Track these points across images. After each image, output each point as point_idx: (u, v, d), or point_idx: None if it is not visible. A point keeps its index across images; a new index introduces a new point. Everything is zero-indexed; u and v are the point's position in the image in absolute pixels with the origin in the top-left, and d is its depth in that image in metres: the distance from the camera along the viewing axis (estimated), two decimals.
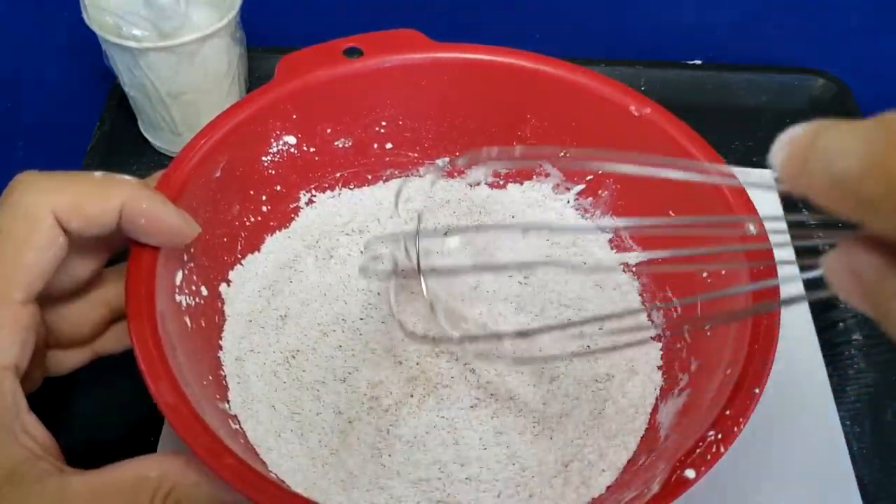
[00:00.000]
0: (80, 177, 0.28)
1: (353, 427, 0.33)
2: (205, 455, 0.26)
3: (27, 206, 0.26)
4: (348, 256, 0.39)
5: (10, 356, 0.26)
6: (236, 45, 0.44)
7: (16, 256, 0.26)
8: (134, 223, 0.27)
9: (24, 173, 0.27)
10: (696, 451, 0.26)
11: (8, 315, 0.26)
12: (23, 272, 0.26)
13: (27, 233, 0.26)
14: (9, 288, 0.26)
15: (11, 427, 0.25)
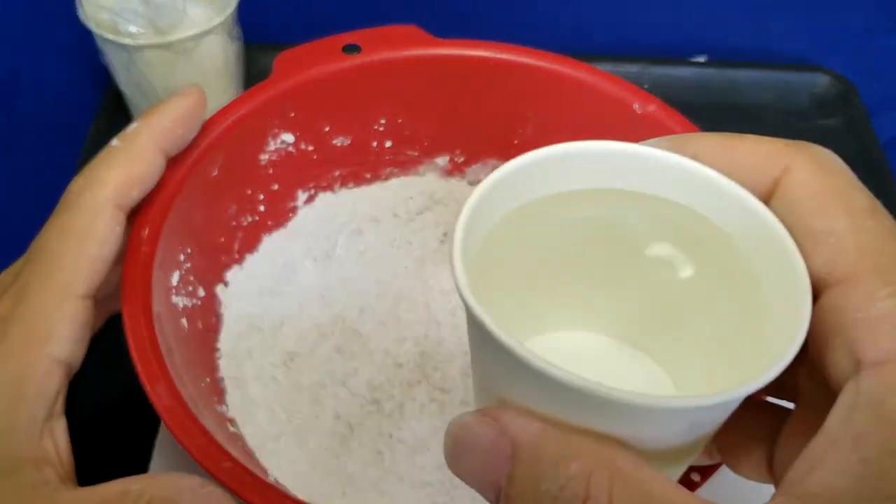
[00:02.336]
0: (112, 153, 0.29)
1: (353, 430, 0.33)
2: (202, 458, 0.25)
3: (85, 203, 0.27)
4: (347, 257, 0.39)
5: (66, 352, 0.26)
6: (233, 41, 0.43)
7: (79, 250, 0.26)
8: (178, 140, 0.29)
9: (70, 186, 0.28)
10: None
11: (70, 309, 0.26)
12: (85, 265, 0.26)
13: (88, 227, 0.27)
14: (73, 281, 0.26)
15: (40, 425, 0.25)
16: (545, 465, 0.15)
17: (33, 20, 0.53)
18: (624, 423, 0.16)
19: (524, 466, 0.16)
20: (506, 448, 0.16)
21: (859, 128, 0.50)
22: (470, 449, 0.16)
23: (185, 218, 0.33)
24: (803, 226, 0.18)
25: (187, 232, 0.33)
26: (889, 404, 0.15)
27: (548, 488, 0.15)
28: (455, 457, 0.17)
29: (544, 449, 0.16)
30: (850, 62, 0.52)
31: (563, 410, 0.16)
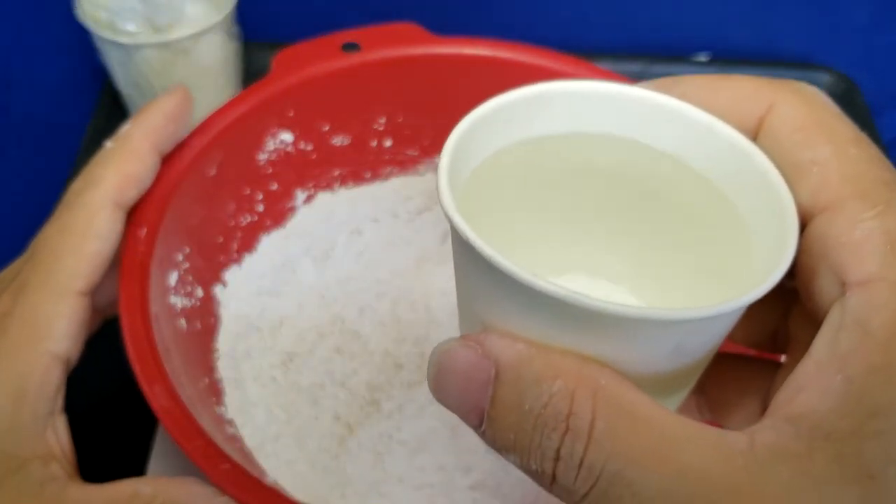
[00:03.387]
0: (108, 154, 0.29)
1: (353, 431, 0.33)
2: (200, 460, 0.25)
3: (84, 202, 0.28)
4: (346, 257, 0.38)
5: (65, 348, 0.26)
6: (232, 40, 0.43)
7: (79, 247, 0.27)
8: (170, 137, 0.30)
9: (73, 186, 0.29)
10: None
11: (69, 306, 0.26)
12: (85, 262, 0.27)
13: (87, 225, 0.27)
14: (73, 278, 0.26)
15: (43, 422, 0.25)
16: (528, 385, 0.15)
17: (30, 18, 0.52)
18: (608, 342, 0.16)
19: (507, 387, 0.16)
20: (488, 370, 0.16)
21: (862, 127, 0.50)
22: (453, 373, 0.16)
23: (183, 218, 0.33)
24: (788, 159, 0.18)
25: (185, 232, 0.33)
26: (874, 322, 0.15)
27: (531, 407, 0.15)
28: (438, 383, 0.17)
29: (527, 369, 0.15)
30: (853, 61, 0.52)
31: (546, 331, 0.16)
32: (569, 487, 0.15)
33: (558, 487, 0.16)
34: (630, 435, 0.15)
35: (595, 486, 0.15)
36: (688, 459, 0.14)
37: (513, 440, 0.16)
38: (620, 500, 0.15)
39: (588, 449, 0.15)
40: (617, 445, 0.15)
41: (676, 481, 0.14)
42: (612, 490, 0.15)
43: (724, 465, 0.14)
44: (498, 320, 0.17)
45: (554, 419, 0.15)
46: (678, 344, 0.17)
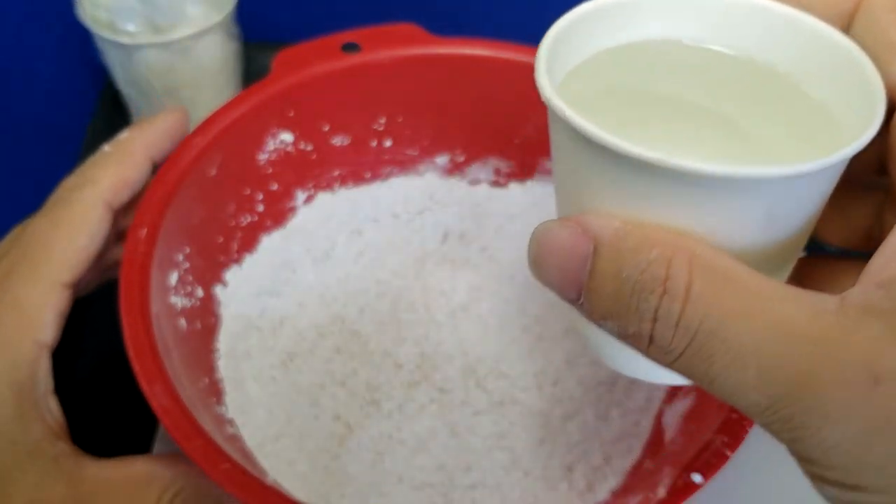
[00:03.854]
0: (105, 157, 0.31)
1: (353, 431, 0.33)
2: (200, 459, 0.25)
3: (78, 198, 0.29)
4: (347, 257, 0.38)
5: (50, 337, 0.28)
6: (232, 40, 0.43)
7: (69, 242, 0.28)
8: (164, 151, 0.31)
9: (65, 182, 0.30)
10: (702, 456, 0.26)
11: (56, 298, 0.28)
12: (74, 257, 0.28)
13: (81, 220, 0.28)
14: (61, 271, 0.28)
15: (39, 405, 0.27)
16: (626, 256, 0.16)
17: (31, 19, 0.52)
18: (701, 213, 0.16)
19: (605, 260, 0.16)
20: (587, 245, 0.17)
21: None
22: (552, 252, 0.17)
23: (184, 218, 0.33)
24: (882, 40, 0.18)
25: (185, 232, 0.33)
26: None
27: (628, 275, 0.16)
28: (538, 261, 0.18)
29: (625, 242, 0.16)
30: None
31: (640, 208, 0.17)
32: (665, 347, 0.16)
33: (655, 348, 0.16)
34: (725, 295, 0.15)
35: (690, 344, 0.15)
36: (779, 315, 0.15)
37: (611, 308, 0.17)
38: (713, 357, 0.15)
39: (685, 309, 0.15)
40: (712, 304, 0.15)
41: (768, 335, 0.15)
42: (706, 347, 0.15)
43: (814, 319, 0.15)
44: (594, 200, 0.18)
45: (651, 283, 0.16)
46: (769, 210, 0.17)
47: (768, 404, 0.15)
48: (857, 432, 0.14)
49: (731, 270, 0.16)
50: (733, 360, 0.15)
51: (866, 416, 0.14)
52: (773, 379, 0.15)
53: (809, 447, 0.15)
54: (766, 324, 0.15)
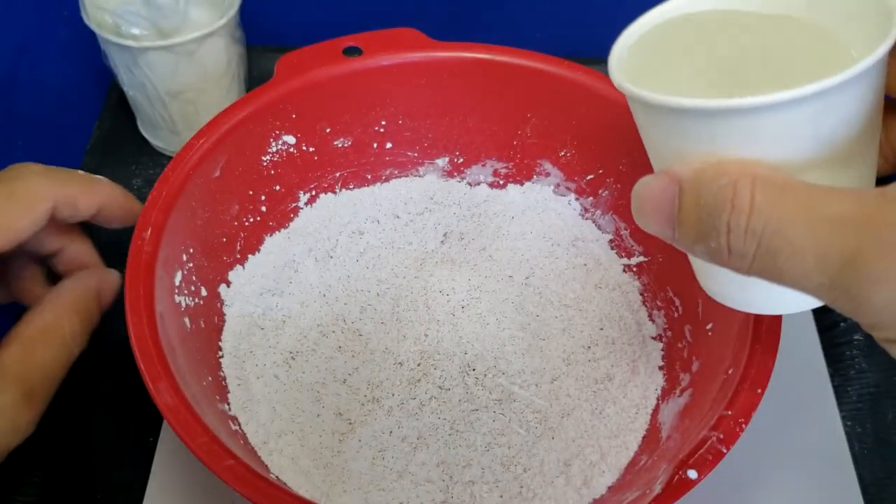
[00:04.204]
0: (73, 174, 0.33)
1: (354, 428, 0.33)
2: (204, 456, 0.26)
3: (31, 189, 0.30)
4: (348, 257, 0.39)
5: None
6: (235, 44, 0.43)
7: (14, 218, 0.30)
8: (110, 215, 0.33)
9: (27, 165, 0.31)
10: (698, 452, 0.26)
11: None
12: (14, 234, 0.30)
13: (28, 208, 0.30)
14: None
15: None
16: (703, 185, 0.20)
17: (37, 22, 0.53)
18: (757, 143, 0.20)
19: (688, 195, 0.20)
20: (674, 187, 0.21)
21: None
22: (647, 199, 0.21)
23: (188, 218, 0.33)
24: None
25: (190, 232, 0.33)
26: None
27: (706, 201, 0.20)
28: (639, 210, 0.22)
29: (701, 175, 0.20)
30: None
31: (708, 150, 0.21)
32: (740, 252, 0.19)
33: (734, 258, 0.19)
34: (782, 202, 0.19)
35: (759, 247, 0.19)
36: (828, 210, 0.18)
37: (696, 232, 0.20)
38: (779, 253, 0.18)
39: (750, 218, 0.19)
40: (772, 211, 0.18)
41: (820, 227, 0.18)
42: (772, 246, 0.18)
43: (859, 206, 0.18)
44: (674, 153, 0.22)
45: (723, 203, 0.19)
46: (816, 128, 0.20)
47: (830, 283, 0.18)
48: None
49: (787, 183, 0.19)
50: (794, 253, 0.18)
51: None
52: (830, 261, 0.18)
53: (869, 313, 0.18)
54: (817, 218, 0.18)
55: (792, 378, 0.37)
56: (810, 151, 0.20)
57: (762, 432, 0.34)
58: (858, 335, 0.40)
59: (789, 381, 0.36)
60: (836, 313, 0.40)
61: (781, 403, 0.36)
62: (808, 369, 0.38)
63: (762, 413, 0.27)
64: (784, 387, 0.35)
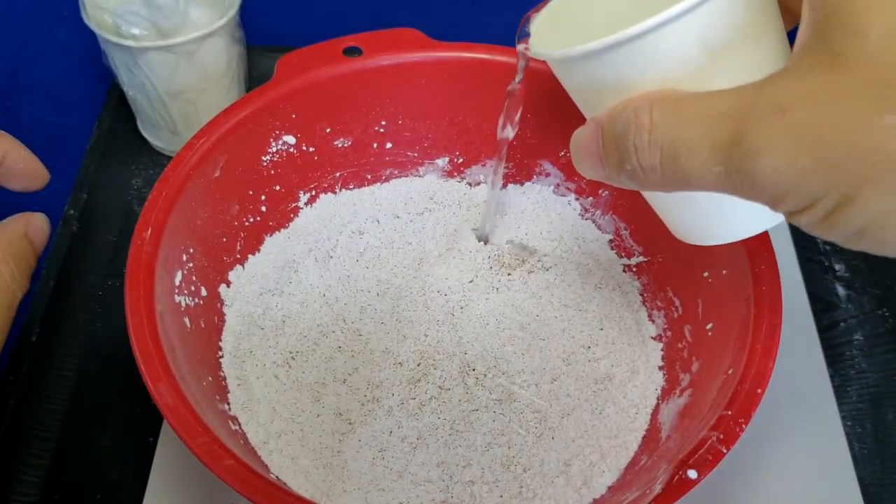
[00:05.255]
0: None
1: (354, 428, 0.33)
2: (204, 456, 0.25)
3: None
4: (348, 257, 0.39)
5: None
6: (235, 44, 0.43)
7: None
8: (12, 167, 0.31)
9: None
10: (698, 452, 0.26)
11: None
12: None
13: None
14: None
15: None
16: (615, 120, 0.22)
17: (37, 22, 0.53)
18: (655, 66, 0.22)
19: (606, 131, 0.22)
20: (598, 129, 0.23)
21: None
22: (580, 145, 0.24)
23: (188, 218, 0.33)
24: None
25: (190, 232, 0.33)
26: None
27: (617, 131, 0.22)
28: (575, 157, 0.24)
29: (614, 112, 0.22)
30: None
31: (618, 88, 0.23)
32: (650, 166, 0.21)
33: (646, 172, 0.21)
34: (677, 111, 0.20)
35: (662, 155, 0.20)
36: (715, 105, 0.20)
37: (616, 161, 0.22)
38: (679, 155, 0.20)
39: (651, 133, 0.21)
40: (668, 121, 0.20)
41: (708, 120, 0.19)
42: (672, 151, 0.20)
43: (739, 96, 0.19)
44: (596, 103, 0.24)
45: (628, 127, 0.21)
46: (703, 37, 0.22)
47: (726, 170, 0.19)
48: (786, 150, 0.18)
49: (681, 97, 0.21)
50: (690, 151, 0.20)
51: (785, 144, 0.18)
52: (719, 148, 0.19)
53: (763, 187, 0.19)
54: (705, 116, 0.20)
55: (792, 378, 0.37)
56: (709, 61, 0.22)
57: (762, 432, 0.34)
58: (858, 335, 0.40)
59: (789, 381, 0.36)
60: (836, 313, 0.40)
61: (781, 403, 0.36)
62: (808, 369, 0.38)
63: (762, 413, 0.27)
64: (784, 387, 0.36)
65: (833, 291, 0.41)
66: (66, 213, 0.43)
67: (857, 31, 0.18)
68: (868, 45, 0.18)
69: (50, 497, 0.34)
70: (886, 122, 0.17)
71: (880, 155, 0.17)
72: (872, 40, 0.18)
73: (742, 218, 0.26)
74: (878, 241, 0.18)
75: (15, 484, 0.34)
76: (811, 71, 0.19)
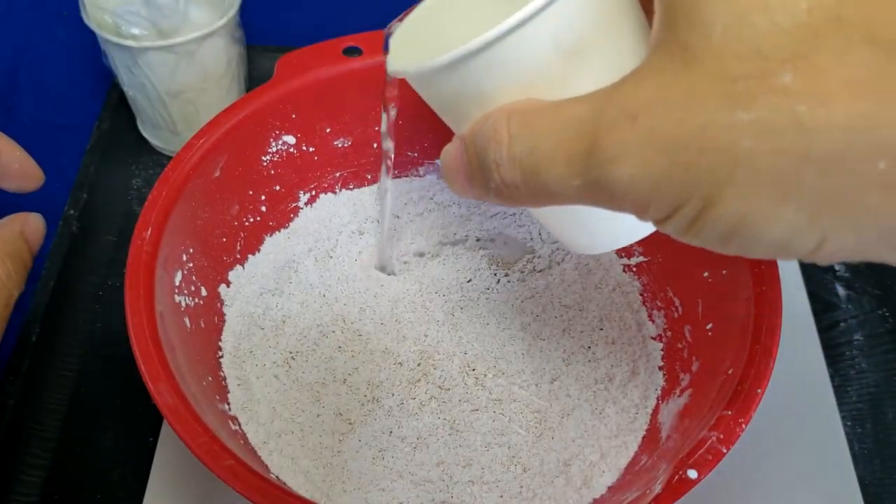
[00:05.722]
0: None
1: (354, 428, 0.33)
2: (204, 456, 0.25)
3: None
4: (348, 257, 0.39)
5: None
6: (235, 44, 0.44)
7: None
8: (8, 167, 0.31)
9: None
10: (697, 452, 0.26)
11: None
12: None
13: None
14: None
15: None
16: (476, 136, 0.21)
17: (37, 22, 0.53)
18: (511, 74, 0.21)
19: (469, 148, 0.22)
20: (462, 147, 0.22)
21: None
22: (449, 165, 0.23)
23: (188, 218, 0.33)
24: None
25: (190, 232, 0.33)
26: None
27: (479, 146, 0.21)
28: (446, 178, 0.23)
29: (475, 127, 0.21)
30: None
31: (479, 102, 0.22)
32: (512, 182, 0.20)
33: (510, 189, 0.20)
34: (534, 123, 0.20)
35: (523, 170, 0.20)
36: (569, 113, 0.19)
37: (481, 180, 0.21)
38: (538, 168, 0.19)
39: (510, 147, 0.20)
40: (525, 133, 0.20)
41: (563, 130, 0.19)
42: (532, 165, 0.19)
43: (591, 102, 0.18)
44: (461, 119, 0.23)
45: (487, 142, 0.20)
46: (555, 41, 0.21)
47: (584, 182, 0.18)
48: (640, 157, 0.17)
49: (538, 107, 0.20)
50: (549, 163, 0.19)
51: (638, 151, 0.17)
52: (576, 159, 0.18)
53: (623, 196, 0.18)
54: (560, 125, 0.19)
55: (792, 378, 0.37)
56: (566, 65, 0.21)
57: (762, 432, 0.34)
58: (858, 335, 0.40)
59: (789, 381, 0.36)
60: (836, 313, 0.40)
61: (781, 403, 0.36)
62: (807, 369, 0.38)
63: (762, 413, 0.27)
64: (784, 387, 0.36)
65: (833, 291, 0.41)
66: (66, 213, 0.43)
67: (703, 22, 0.17)
68: (714, 37, 0.17)
69: (50, 497, 0.34)
70: (738, 120, 0.16)
71: (735, 154, 0.16)
72: (718, 31, 0.16)
73: (625, 223, 0.24)
74: (749, 242, 0.17)
75: (15, 484, 0.34)
76: (661, 69, 0.17)
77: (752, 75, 0.16)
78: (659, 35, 0.18)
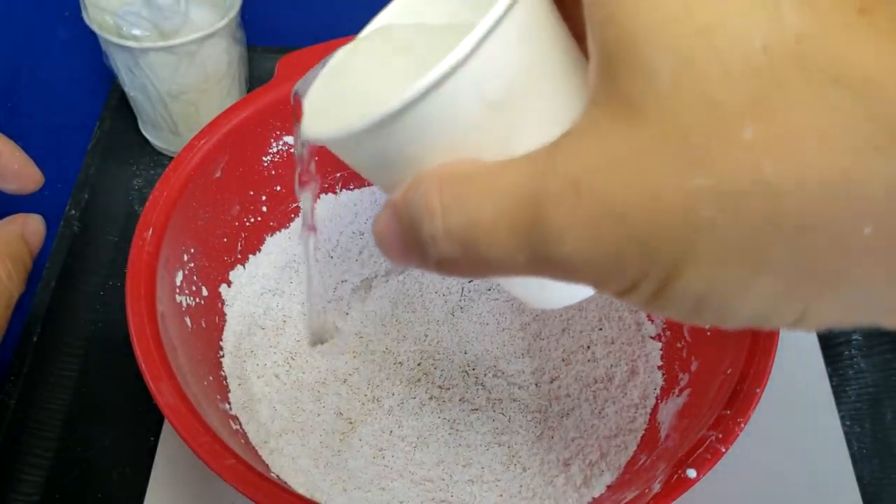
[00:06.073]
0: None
1: (354, 428, 0.33)
2: (206, 455, 0.26)
3: None
4: (348, 257, 0.39)
5: None
6: (236, 44, 0.44)
7: None
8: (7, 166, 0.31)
9: None
10: (696, 451, 0.26)
11: None
12: None
13: None
14: None
15: None
16: (406, 206, 0.19)
17: (39, 23, 0.53)
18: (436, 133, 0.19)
19: (400, 216, 0.19)
20: (394, 215, 0.19)
21: None
22: (382, 235, 0.20)
23: (189, 219, 0.33)
24: None
25: (191, 232, 0.34)
26: None
27: (413, 216, 0.18)
28: (381, 249, 0.21)
29: (406, 194, 0.19)
30: None
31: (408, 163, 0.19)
32: (450, 256, 0.18)
33: (448, 263, 0.18)
34: (468, 190, 0.17)
35: (461, 244, 0.17)
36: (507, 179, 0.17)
37: (419, 251, 0.19)
38: (478, 242, 0.17)
39: (445, 219, 0.17)
40: (460, 203, 0.17)
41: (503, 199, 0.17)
42: (470, 238, 0.17)
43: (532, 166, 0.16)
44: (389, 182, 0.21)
45: (421, 213, 0.18)
46: (481, 94, 0.18)
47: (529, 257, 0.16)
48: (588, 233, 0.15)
49: (470, 171, 0.18)
50: (489, 236, 0.17)
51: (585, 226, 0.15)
52: (519, 232, 0.16)
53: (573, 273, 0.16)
54: (499, 193, 0.17)
55: (790, 378, 0.37)
56: (499, 121, 0.19)
57: (761, 432, 0.34)
58: (857, 335, 0.40)
59: (788, 380, 0.36)
60: None
61: (780, 403, 0.36)
62: (806, 369, 0.38)
63: (761, 413, 0.27)
64: (783, 387, 0.36)
65: None
66: (68, 213, 0.43)
67: (645, 69, 0.15)
68: (660, 86, 0.14)
69: (50, 497, 0.34)
70: (695, 186, 0.14)
71: (695, 223, 0.14)
72: (664, 79, 0.14)
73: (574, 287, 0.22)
74: (723, 314, 0.16)
75: (15, 484, 0.34)
76: (604, 128, 0.15)
77: (706, 129, 0.14)
78: (597, 85, 0.16)
